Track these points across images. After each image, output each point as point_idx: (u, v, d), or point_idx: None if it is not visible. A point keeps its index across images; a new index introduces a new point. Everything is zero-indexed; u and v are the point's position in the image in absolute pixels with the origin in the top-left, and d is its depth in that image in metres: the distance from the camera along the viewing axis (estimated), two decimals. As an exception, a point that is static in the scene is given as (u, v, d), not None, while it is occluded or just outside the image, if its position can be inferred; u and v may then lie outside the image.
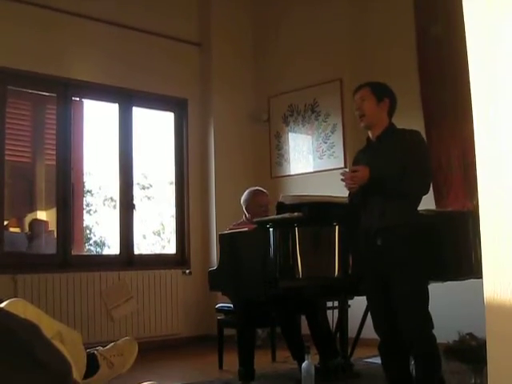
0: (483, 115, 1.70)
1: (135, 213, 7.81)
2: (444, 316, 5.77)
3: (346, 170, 4.28)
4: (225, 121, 8.44)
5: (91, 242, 8.59)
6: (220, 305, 6.24)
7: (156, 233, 8.51)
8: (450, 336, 4.86)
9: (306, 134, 8.24)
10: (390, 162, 4.05)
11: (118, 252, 7.74)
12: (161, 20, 8.09)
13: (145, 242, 8.32)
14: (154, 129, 8.52)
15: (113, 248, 7.86)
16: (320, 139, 8.01)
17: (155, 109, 8.37)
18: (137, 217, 7.89)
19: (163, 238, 8.56)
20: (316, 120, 8.09)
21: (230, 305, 5.79)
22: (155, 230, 8.49)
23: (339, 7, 7.92)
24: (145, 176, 8.41)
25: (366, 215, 4.15)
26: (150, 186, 8.47)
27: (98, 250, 8.63)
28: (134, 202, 7.81)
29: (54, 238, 7.29)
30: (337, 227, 4.64)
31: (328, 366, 5.35)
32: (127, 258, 7.69)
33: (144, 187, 8.42)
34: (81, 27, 7.35)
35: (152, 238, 8.44)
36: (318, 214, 4.65)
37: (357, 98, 4.25)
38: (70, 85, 7.36)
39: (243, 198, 5.89)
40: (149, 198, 8.48)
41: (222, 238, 5.36)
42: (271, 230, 4.62)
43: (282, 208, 4.81)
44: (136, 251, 7.88)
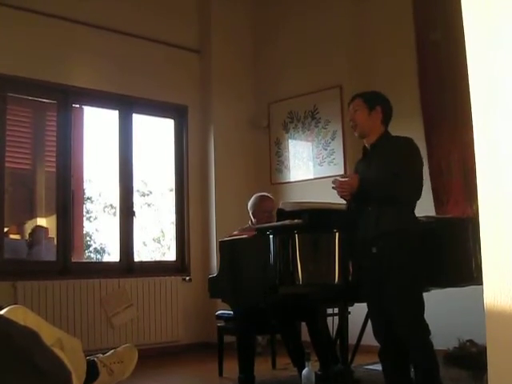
0: (482, 121, 1.70)
1: (135, 220, 7.81)
2: (444, 323, 5.77)
3: (338, 178, 4.29)
4: (225, 127, 8.44)
5: (91, 248, 8.60)
6: (220, 312, 6.23)
7: (156, 240, 8.51)
8: (451, 343, 4.86)
9: (306, 140, 8.24)
10: (382, 170, 4.08)
11: (117, 259, 7.73)
12: (161, 27, 8.10)
13: (145, 249, 8.32)
14: (154, 135, 8.52)
15: (113, 255, 7.86)
16: (320, 146, 8.01)
17: (155, 115, 8.37)
18: (137, 224, 7.89)
19: (163, 245, 8.56)
20: (316, 127, 8.09)
21: (230, 312, 5.78)
22: (155, 236, 8.48)
23: (339, 14, 7.93)
24: (145, 183, 8.42)
25: (362, 222, 4.17)
26: (150, 192, 8.48)
27: (98, 256, 8.63)
28: (134, 208, 7.81)
29: (53, 245, 7.28)
30: (337, 234, 4.64)
31: (328, 373, 5.34)
32: (127, 265, 7.68)
33: (144, 194, 8.42)
34: (81, 34, 7.35)
35: (152, 245, 8.45)
36: (318, 220, 4.65)
37: (350, 108, 4.37)
38: (70, 91, 7.36)
39: (250, 204, 5.90)
40: (149, 204, 8.49)
41: (221, 244, 5.36)
42: (271, 236, 4.62)
43: (282, 215, 4.81)
44: (136, 258, 7.87)
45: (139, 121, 8.08)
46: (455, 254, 5.06)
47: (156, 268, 7.99)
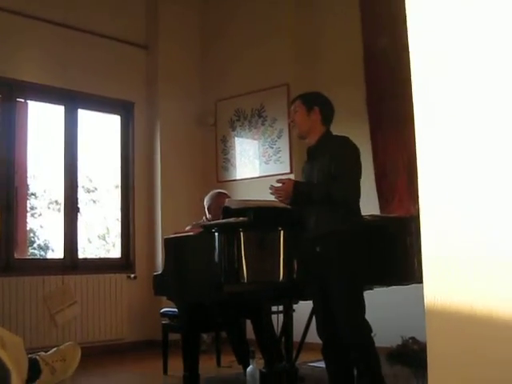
0: (424, 123, 1.73)
1: (80, 216, 7.74)
2: (388, 320, 5.85)
3: (273, 184, 4.29)
4: (171, 124, 8.41)
5: (35, 245, 8.47)
6: (165, 309, 6.22)
7: (101, 237, 8.43)
8: (394, 340, 4.92)
9: (252, 138, 8.26)
10: (321, 171, 4.11)
11: (62, 256, 7.65)
12: (108, 22, 8.04)
13: (89, 246, 8.24)
14: (100, 132, 8.44)
15: (57, 252, 7.76)
16: (266, 144, 8.04)
17: (101, 111, 8.30)
18: (81, 220, 7.82)
19: (108, 242, 8.48)
20: (262, 125, 8.11)
21: (175, 309, 5.77)
22: (100, 233, 8.41)
23: (286, 15, 7.96)
24: (90, 179, 8.32)
25: (305, 223, 4.19)
26: (96, 189, 8.39)
27: (42, 253, 8.51)
28: (79, 205, 7.74)
29: (-4, 242, 7.17)
30: (281, 232, 4.66)
31: (273, 371, 5.36)
32: (71, 261, 7.60)
33: (89, 190, 8.33)
34: (26, 28, 7.25)
35: (97, 242, 8.36)
36: (263, 218, 4.67)
37: (291, 109, 4.38)
38: (14, 86, 7.26)
39: (206, 199, 5.96)
40: (94, 201, 8.40)
41: (167, 242, 5.33)
42: (216, 234, 4.62)
43: (227, 212, 4.82)
44: (80, 255, 7.79)
45: (85, 116, 8.00)
46: (399, 253, 5.12)
47: (101, 265, 7.92)
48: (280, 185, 4.18)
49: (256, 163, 8.15)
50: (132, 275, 7.94)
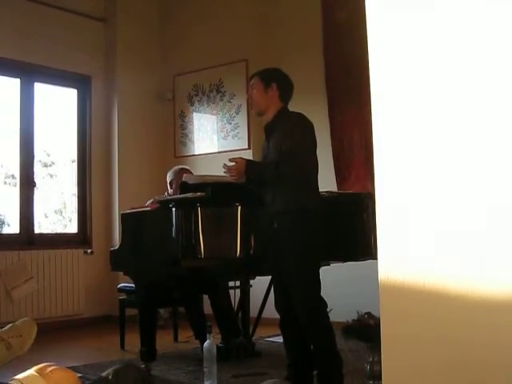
0: (380, 99, 1.74)
1: (36, 191, 7.67)
2: (344, 296, 5.91)
3: (225, 163, 4.27)
4: (129, 99, 8.35)
5: (-10, 220, 8.38)
6: (122, 285, 6.21)
7: (58, 212, 8.35)
8: (350, 315, 4.97)
9: (210, 114, 8.25)
10: (274, 148, 4.09)
11: (17, 231, 7.58)
12: (65, -6, 7.92)
13: (46, 221, 8.16)
14: (57, 106, 8.34)
15: (13, 227, 7.68)
16: (224, 120, 8.03)
17: (58, 85, 8.20)
18: (38, 195, 7.74)
19: (65, 217, 8.41)
20: (221, 100, 8.10)
21: (132, 285, 5.75)
22: (57, 208, 8.33)
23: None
24: (47, 153, 8.22)
25: (263, 199, 4.19)
26: (53, 163, 8.29)
27: (-3, 228, 8.42)
28: (36, 179, 7.67)
29: (-50, 217, 7.09)
30: (239, 208, 4.68)
31: (230, 345, 5.41)
32: (27, 237, 7.54)
33: (46, 165, 8.23)
34: (-20, -1, 7.12)
35: (53, 217, 8.29)
36: (221, 194, 4.67)
37: (249, 87, 4.36)
38: (-32, 58, 7.15)
39: (168, 174, 5.97)
40: (51, 175, 8.31)
41: (123, 217, 5.31)
42: (174, 209, 4.62)
43: (185, 188, 4.81)
44: (37, 230, 7.74)
45: (41, 90, 7.90)
46: (355, 229, 5.17)
47: (57, 240, 7.87)
48: (233, 164, 4.16)
49: (214, 138, 8.14)
50: (89, 251, 7.90)
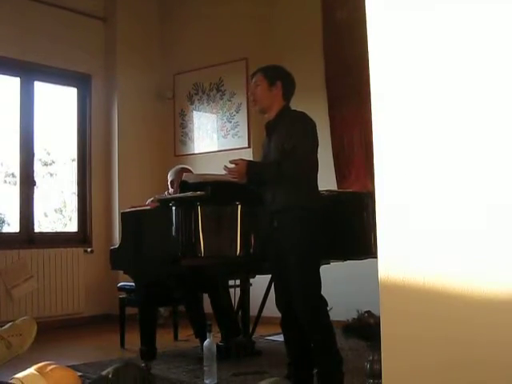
0: (380, 99, 1.74)
1: (36, 190, 7.67)
2: (344, 294, 5.91)
3: (226, 165, 4.25)
4: (129, 98, 8.35)
5: (-10, 219, 8.37)
6: (122, 284, 6.21)
7: (58, 210, 8.35)
8: (350, 314, 4.97)
9: (210, 112, 8.25)
10: (276, 147, 4.08)
11: (17, 230, 7.58)
12: (65, -7, 7.92)
13: (46, 220, 8.16)
14: (57, 104, 8.34)
15: (13, 226, 7.68)
16: (224, 118, 8.03)
17: (58, 84, 8.20)
18: (38, 194, 7.74)
19: (65, 216, 8.41)
20: (221, 99, 8.10)
21: (132, 284, 5.75)
22: (57, 207, 8.33)
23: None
24: (48, 152, 8.22)
25: (263, 198, 4.19)
26: (53, 162, 8.28)
27: (-3, 227, 8.41)
28: (36, 178, 7.67)
29: (-50, 216, 7.09)
30: (239, 206, 4.68)
31: (230, 344, 5.41)
32: (27, 236, 7.54)
33: (47, 163, 8.23)
34: (-20, -2, 7.12)
35: (53, 216, 8.28)
36: (221, 193, 4.67)
37: (252, 83, 4.32)
38: (-32, 57, 7.14)
39: (169, 174, 6.00)
40: (51, 174, 8.30)
41: (123, 216, 5.31)
42: (174, 208, 4.62)
43: (185, 187, 4.81)
44: (37, 229, 7.74)
45: (41, 88, 7.90)
46: (355, 228, 5.16)
47: (57, 239, 7.87)
48: (233, 165, 4.14)
49: (214, 137, 8.14)
50: (89, 249, 7.90)
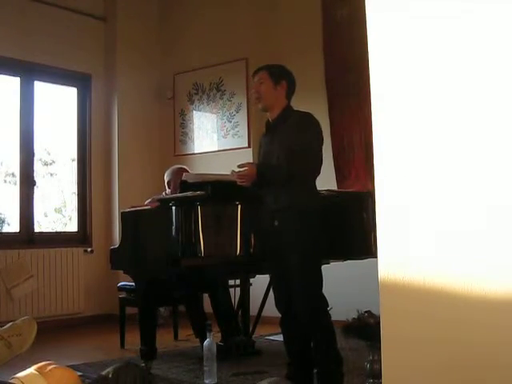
0: (380, 99, 1.74)
1: (36, 189, 7.67)
2: (345, 294, 5.90)
3: (234, 170, 4.23)
4: (129, 97, 8.35)
5: (-10, 219, 8.37)
6: (122, 283, 6.20)
7: (58, 210, 8.35)
8: (350, 314, 4.97)
9: (210, 112, 8.24)
10: (282, 146, 4.07)
11: (17, 230, 7.58)
12: (65, -7, 7.92)
13: (46, 220, 8.16)
14: (57, 104, 8.33)
15: (13, 225, 7.68)
16: (224, 118, 8.03)
17: (58, 83, 8.19)
18: (38, 194, 7.74)
19: (65, 216, 8.41)
20: (221, 99, 8.09)
21: (132, 283, 5.75)
22: (57, 207, 8.33)
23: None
24: (48, 152, 8.22)
25: (265, 198, 4.18)
26: (53, 162, 8.29)
27: (-3, 227, 8.41)
28: (36, 178, 7.67)
29: (-50, 216, 7.09)
30: (239, 206, 4.68)
31: (230, 344, 5.41)
32: (27, 235, 7.54)
33: (47, 163, 8.23)
34: (-20, -2, 7.12)
35: (53, 216, 8.29)
36: (221, 192, 4.67)
37: (255, 80, 4.30)
38: (-32, 57, 7.14)
39: (166, 174, 5.97)
40: (51, 174, 8.30)
41: (123, 216, 5.31)
42: (174, 208, 4.62)
43: (185, 186, 4.81)
44: (37, 229, 7.74)
45: (41, 88, 7.90)
46: (355, 228, 5.16)
47: (57, 239, 7.87)
48: (242, 170, 4.13)
49: (214, 137, 8.14)
50: (89, 249, 7.90)
